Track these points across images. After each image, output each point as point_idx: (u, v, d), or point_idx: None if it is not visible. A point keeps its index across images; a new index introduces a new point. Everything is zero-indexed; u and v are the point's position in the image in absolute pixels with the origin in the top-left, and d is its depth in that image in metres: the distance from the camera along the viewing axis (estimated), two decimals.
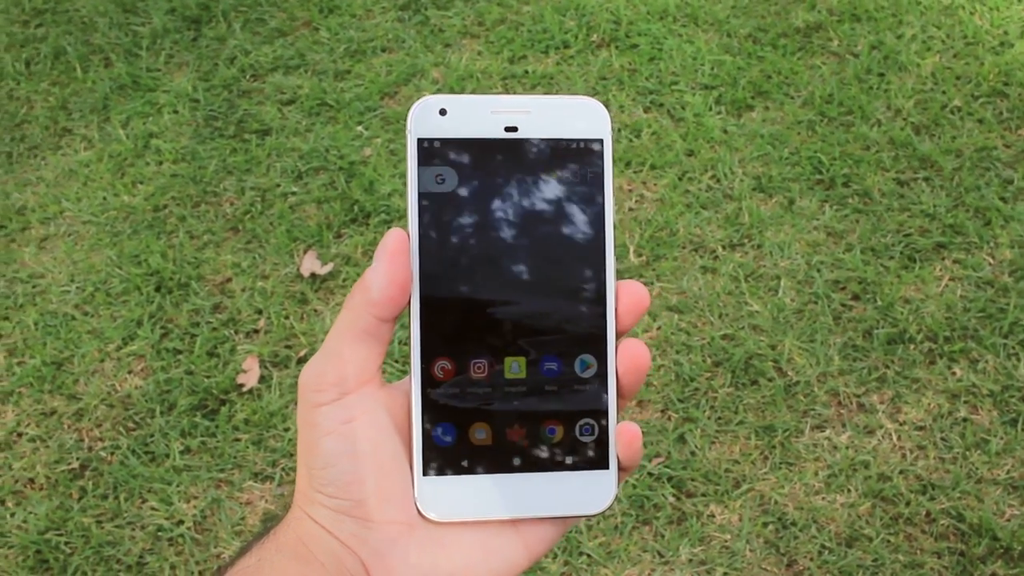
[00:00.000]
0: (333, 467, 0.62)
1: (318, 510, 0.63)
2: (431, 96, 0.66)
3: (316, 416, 0.63)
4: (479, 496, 0.65)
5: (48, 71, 3.54)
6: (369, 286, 0.63)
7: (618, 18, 3.41)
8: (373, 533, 0.63)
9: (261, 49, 3.48)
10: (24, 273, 2.87)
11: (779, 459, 2.31)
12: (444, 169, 0.65)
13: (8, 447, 2.50)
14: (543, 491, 0.66)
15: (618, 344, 0.67)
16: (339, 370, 0.63)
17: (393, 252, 0.63)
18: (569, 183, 0.67)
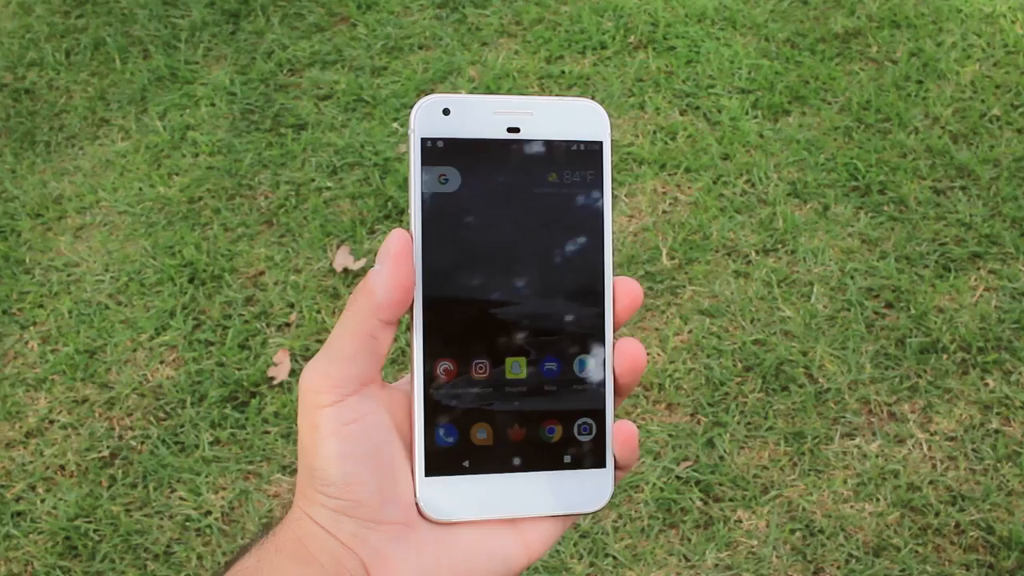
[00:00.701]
0: (334, 468, 0.62)
1: (318, 510, 0.63)
2: (434, 95, 0.66)
3: (318, 417, 0.63)
4: (480, 496, 0.65)
5: (88, 62, 3.57)
6: (374, 289, 0.63)
7: (656, 20, 3.41)
8: (373, 533, 0.63)
9: (299, 44, 3.49)
10: (60, 262, 2.89)
11: (808, 466, 2.30)
12: (447, 169, 0.65)
13: (40, 434, 2.52)
14: (542, 490, 0.66)
15: (615, 343, 0.68)
16: (342, 373, 0.63)
17: (397, 254, 0.63)
18: (570, 184, 0.67)
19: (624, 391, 0.69)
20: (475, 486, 0.65)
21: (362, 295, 0.63)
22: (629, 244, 2.74)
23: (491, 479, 0.66)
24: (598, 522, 2.24)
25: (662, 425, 2.39)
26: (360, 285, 0.64)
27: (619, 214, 2.83)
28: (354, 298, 0.64)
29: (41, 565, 2.28)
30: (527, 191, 0.67)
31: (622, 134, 3.05)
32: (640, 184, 2.90)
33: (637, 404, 2.42)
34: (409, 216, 0.65)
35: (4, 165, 3.23)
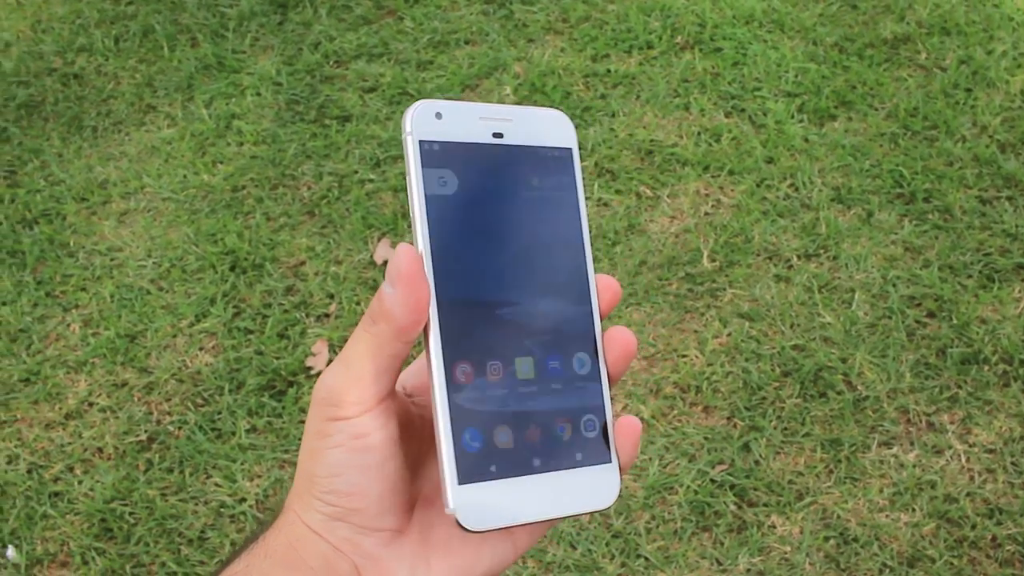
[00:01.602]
0: (338, 477, 0.62)
1: (312, 515, 0.63)
2: (425, 100, 0.66)
3: (329, 428, 0.62)
4: (510, 501, 0.65)
5: (136, 48, 3.60)
6: (392, 313, 0.62)
7: (703, 21, 3.39)
8: (367, 538, 0.63)
9: (346, 36, 3.50)
10: (103, 246, 2.92)
11: (844, 473, 2.29)
12: (444, 171, 0.65)
13: (79, 416, 2.54)
14: (561, 490, 0.66)
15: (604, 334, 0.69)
16: (362, 393, 0.62)
17: (409, 274, 0.62)
18: (551, 188, 0.69)
19: (615, 379, 0.70)
20: (503, 491, 0.64)
21: (381, 319, 0.62)
22: (670, 245, 2.74)
23: (516, 483, 0.65)
24: (631, 523, 2.23)
25: (698, 428, 2.38)
26: (376, 307, 0.62)
27: (660, 214, 2.83)
28: (372, 320, 0.63)
29: (77, 546, 2.30)
30: (516, 194, 0.68)
31: (666, 135, 3.04)
32: (683, 185, 2.89)
33: (673, 406, 2.42)
34: (413, 219, 0.64)
35: (51, 149, 3.26)
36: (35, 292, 2.81)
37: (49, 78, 3.54)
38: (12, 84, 3.53)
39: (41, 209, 3.05)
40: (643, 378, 2.47)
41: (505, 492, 0.64)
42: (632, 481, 2.30)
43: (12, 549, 2.31)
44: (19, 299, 2.80)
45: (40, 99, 3.46)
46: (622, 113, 3.12)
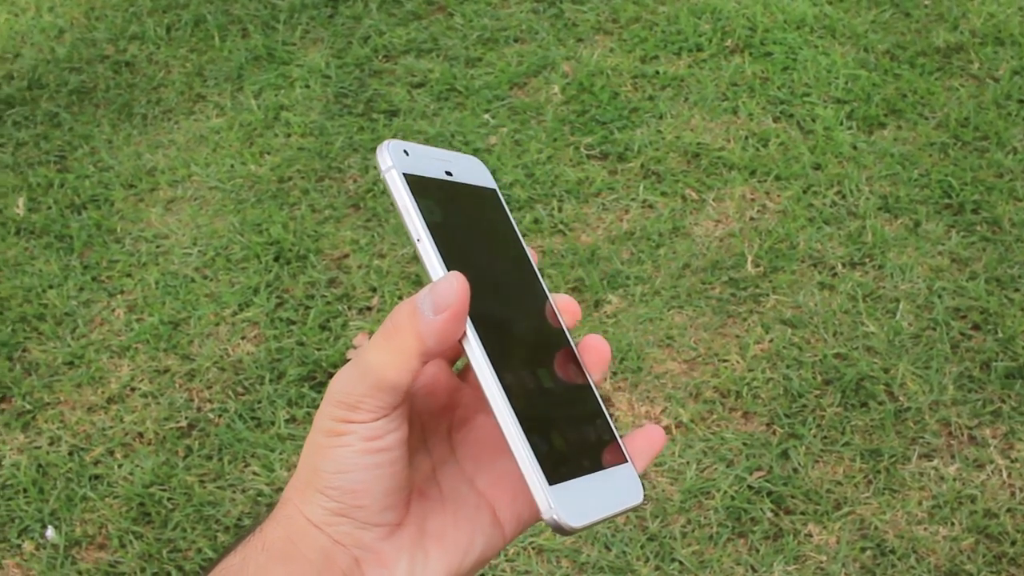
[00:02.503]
0: (346, 474, 0.63)
1: (314, 509, 0.64)
2: (392, 139, 0.67)
3: (342, 428, 0.63)
4: (585, 497, 0.65)
5: (187, 38, 3.62)
6: (427, 338, 0.62)
7: (754, 24, 3.38)
8: (368, 533, 0.64)
9: (395, 31, 3.51)
10: (149, 233, 2.94)
11: (883, 484, 2.27)
12: (428, 202, 0.66)
13: (121, 400, 2.56)
14: (603, 489, 0.67)
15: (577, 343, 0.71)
16: (379, 401, 0.63)
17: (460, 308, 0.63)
18: (499, 220, 0.72)
19: (597, 384, 0.72)
20: (575, 489, 0.65)
21: (412, 338, 0.62)
22: (714, 249, 2.73)
23: (582, 482, 0.66)
24: (666, 526, 2.23)
25: (737, 433, 2.37)
26: (407, 324, 0.62)
27: (705, 218, 2.82)
28: (395, 333, 0.62)
29: (115, 528, 2.32)
30: (480, 224, 0.70)
31: (714, 138, 3.03)
32: (728, 189, 2.88)
33: (713, 410, 2.41)
34: (421, 247, 0.65)
35: (102, 135, 3.29)
36: (81, 276, 2.84)
37: (101, 65, 3.57)
38: (65, 70, 3.56)
39: (90, 195, 3.08)
40: (683, 382, 2.47)
41: (579, 490, 0.65)
42: (669, 484, 2.29)
43: (52, 530, 2.33)
44: (66, 283, 2.83)
45: (92, 86, 3.50)
46: (670, 115, 3.11)
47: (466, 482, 0.70)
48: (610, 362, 0.73)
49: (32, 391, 2.59)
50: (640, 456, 0.70)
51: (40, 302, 2.79)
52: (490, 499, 0.69)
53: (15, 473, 2.44)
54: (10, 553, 2.32)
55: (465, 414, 0.72)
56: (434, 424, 0.71)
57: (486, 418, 0.72)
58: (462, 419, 0.72)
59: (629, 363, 2.50)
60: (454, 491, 0.69)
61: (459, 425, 0.72)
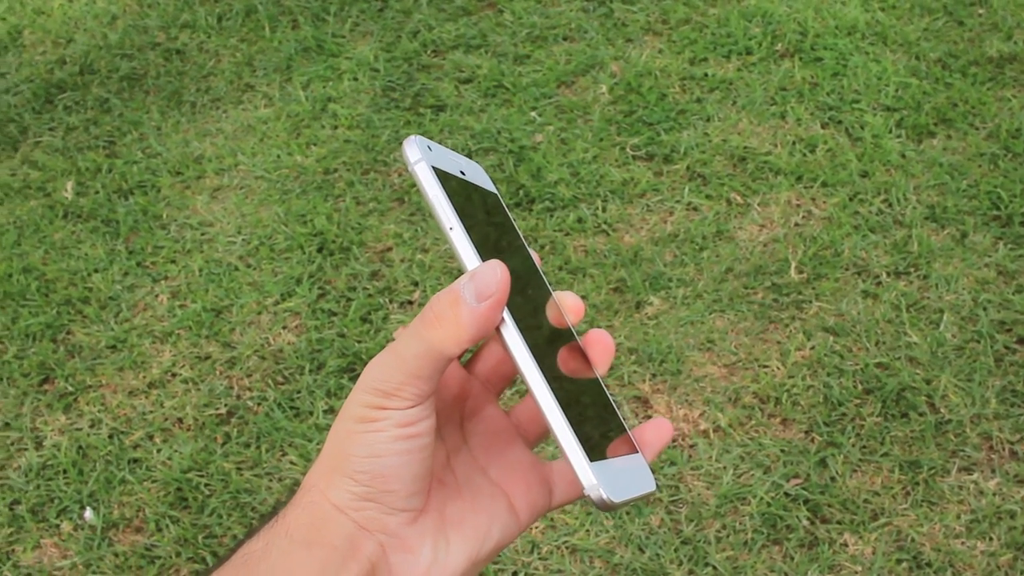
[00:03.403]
0: (378, 459, 0.63)
1: (341, 494, 0.64)
2: (417, 135, 0.68)
3: (376, 415, 0.63)
4: (617, 478, 0.66)
5: (238, 27, 3.64)
6: (468, 328, 0.63)
7: (805, 29, 3.36)
8: (394, 518, 0.65)
9: (444, 26, 3.52)
10: (195, 220, 2.96)
11: (921, 496, 2.25)
12: (454, 196, 0.67)
13: (162, 385, 2.58)
14: (628, 473, 0.68)
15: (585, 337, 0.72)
16: (415, 390, 0.63)
17: (501, 297, 0.63)
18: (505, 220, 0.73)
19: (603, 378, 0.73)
20: (608, 469, 0.66)
21: (452, 327, 0.63)
22: (758, 254, 2.71)
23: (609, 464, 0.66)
24: (701, 530, 2.22)
25: (775, 440, 2.36)
26: (450, 313, 0.63)
27: (750, 222, 2.80)
28: (437, 322, 0.63)
29: (152, 512, 2.34)
30: (492, 221, 0.70)
31: (761, 142, 3.01)
32: (774, 194, 2.86)
33: (752, 416, 2.40)
34: (454, 236, 0.66)
35: (150, 122, 3.31)
36: (126, 261, 2.87)
37: (152, 52, 3.60)
38: (116, 56, 3.59)
39: (137, 180, 3.10)
40: (722, 386, 2.46)
41: (611, 471, 0.66)
42: (705, 489, 2.28)
43: (90, 511, 2.36)
44: (111, 267, 2.85)
45: (142, 72, 3.52)
46: (717, 118, 3.10)
47: (479, 471, 0.71)
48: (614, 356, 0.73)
49: (75, 373, 2.62)
50: (649, 447, 0.71)
51: (85, 285, 2.81)
52: (504, 487, 0.70)
53: (56, 454, 2.46)
54: (48, 532, 2.34)
55: (475, 405, 0.73)
56: (446, 414, 0.71)
57: (495, 408, 0.74)
58: (472, 410, 0.73)
59: (669, 365, 2.49)
60: (469, 479, 0.70)
61: (470, 415, 0.73)
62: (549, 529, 2.25)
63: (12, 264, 2.89)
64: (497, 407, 0.74)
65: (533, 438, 0.74)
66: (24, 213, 3.05)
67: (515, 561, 2.20)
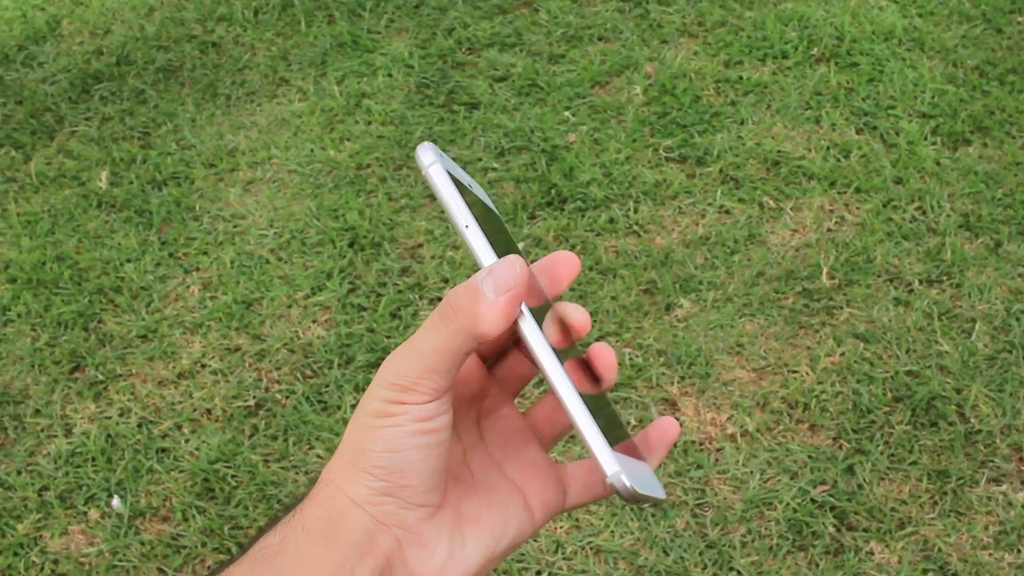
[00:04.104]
0: (395, 453, 0.63)
1: (358, 488, 0.64)
2: (427, 142, 0.68)
3: (394, 409, 0.63)
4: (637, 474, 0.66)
5: (274, 21, 3.66)
6: (485, 321, 0.63)
7: (841, 34, 3.34)
8: (412, 513, 0.64)
9: (480, 24, 3.52)
10: (227, 212, 2.98)
11: (949, 506, 2.24)
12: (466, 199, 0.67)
13: (191, 376, 2.60)
14: (643, 476, 0.67)
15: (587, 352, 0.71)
16: (434, 384, 0.63)
17: (519, 291, 0.63)
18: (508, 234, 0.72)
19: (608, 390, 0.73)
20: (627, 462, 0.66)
21: (470, 320, 0.63)
22: (789, 258, 2.70)
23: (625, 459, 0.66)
24: (726, 534, 2.21)
25: (803, 446, 2.35)
26: (467, 306, 0.63)
27: (782, 227, 2.79)
28: (455, 315, 0.63)
29: (179, 502, 2.35)
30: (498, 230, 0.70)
31: (794, 146, 3.00)
32: (807, 199, 2.85)
33: (779, 421, 2.39)
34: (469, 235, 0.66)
35: (185, 114, 3.33)
36: (159, 252, 2.88)
37: (188, 44, 3.62)
38: (153, 48, 3.61)
39: (171, 172, 3.12)
40: (751, 390, 2.45)
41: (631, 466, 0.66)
42: (731, 493, 2.28)
43: (117, 499, 2.37)
44: (143, 257, 2.87)
45: (178, 64, 3.54)
46: (751, 121, 3.09)
47: (495, 468, 0.71)
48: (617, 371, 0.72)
49: (105, 362, 2.64)
50: (656, 448, 0.71)
51: (117, 275, 2.83)
52: (520, 485, 0.70)
53: (85, 441, 2.48)
54: (76, 519, 2.36)
55: (492, 404, 0.73)
56: (464, 411, 0.71)
57: (512, 407, 0.73)
58: (489, 408, 0.73)
59: (697, 368, 2.48)
60: (485, 476, 0.70)
61: (487, 413, 0.73)
62: (574, 529, 2.24)
63: (46, 252, 2.91)
64: (513, 407, 0.74)
65: (548, 440, 0.74)
66: (59, 202, 3.07)
67: (539, 560, 2.20)
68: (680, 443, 2.36)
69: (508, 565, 2.19)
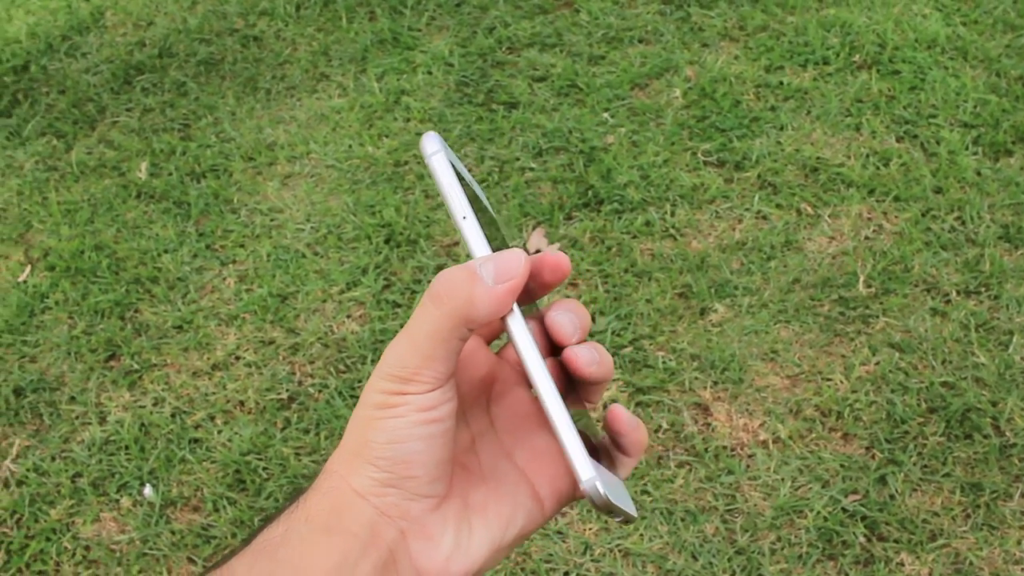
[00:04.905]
0: (400, 444, 0.63)
1: (362, 480, 0.64)
2: (433, 132, 0.67)
3: (396, 400, 0.63)
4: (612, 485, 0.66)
5: (316, 17, 3.67)
6: (475, 303, 0.62)
7: (883, 41, 3.32)
8: (415, 504, 0.64)
9: (520, 23, 3.52)
10: (265, 206, 2.99)
11: (982, 520, 2.22)
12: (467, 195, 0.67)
13: (225, 368, 2.61)
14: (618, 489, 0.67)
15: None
16: (433, 372, 0.63)
17: (516, 283, 0.63)
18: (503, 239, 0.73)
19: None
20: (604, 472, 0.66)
21: (462, 303, 0.62)
22: (826, 266, 2.69)
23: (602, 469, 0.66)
24: (755, 541, 2.21)
25: (835, 454, 2.33)
26: (462, 291, 0.63)
27: (819, 234, 2.78)
28: (447, 297, 0.63)
29: (210, 492, 2.37)
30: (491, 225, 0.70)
31: (834, 153, 2.99)
32: (845, 207, 2.83)
33: (812, 429, 2.38)
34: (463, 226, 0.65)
35: (225, 107, 3.35)
36: (196, 243, 2.90)
37: (230, 38, 3.63)
38: (195, 41, 3.63)
39: (210, 164, 3.14)
40: (784, 397, 2.44)
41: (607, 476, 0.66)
42: (761, 500, 2.27)
43: (149, 488, 2.39)
44: (180, 248, 2.88)
45: (220, 58, 3.56)
46: (791, 127, 3.08)
47: (505, 456, 0.70)
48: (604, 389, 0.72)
49: (141, 351, 2.65)
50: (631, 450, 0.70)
51: (155, 265, 2.85)
52: (529, 474, 0.69)
53: (119, 430, 2.49)
54: (108, 507, 2.37)
55: (503, 388, 0.72)
56: (473, 396, 0.71)
57: (524, 391, 0.72)
58: (500, 393, 0.72)
59: (731, 374, 2.48)
60: (494, 465, 0.70)
61: (497, 398, 0.72)
62: (603, 531, 2.24)
63: (85, 241, 2.93)
64: (526, 391, 0.73)
65: None
66: (98, 191, 3.09)
67: (567, 561, 2.20)
68: (711, 448, 2.35)
69: (536, 565, 2.19)
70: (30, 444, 2.50)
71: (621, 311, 2.61)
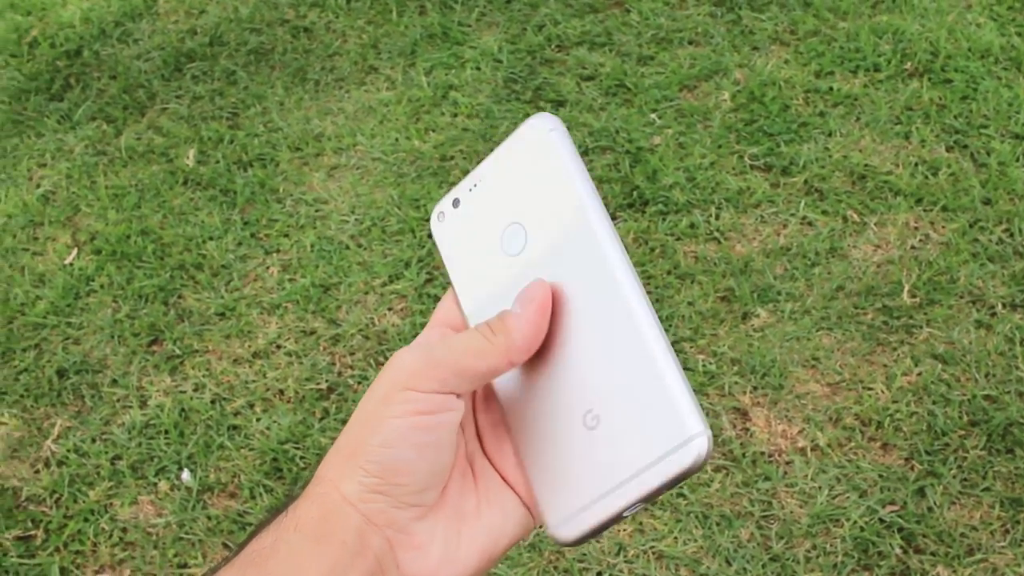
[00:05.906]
0: (391, 449, 0.62)
1: (351, 485, 0.63)
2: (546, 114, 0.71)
3: (397, 396, 0.63)
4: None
5: (366, 9, 3.68)
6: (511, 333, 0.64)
7: (936, 49, 3.29)
8: (403, 513, 0.63)
9: (570, 21, 3.52)
10: (310, 196, 3.00)
11: (1021, 536, 2.20)
12: None
13: (266, 356, 2.62)
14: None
15: None
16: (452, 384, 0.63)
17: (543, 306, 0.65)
18: None
19: None
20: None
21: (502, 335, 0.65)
22: (870, 274, 2.67)
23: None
24: (790, 548, 2.20)
25: (873, 464, 2.32)
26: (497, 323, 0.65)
27: (865, 241, 2.76)
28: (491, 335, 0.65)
29: (247, 480, 2.38)
30: None
31: (882, 161, 2.96)
32: (892, 215, 2.81)
33: (851, 437, 2.36)
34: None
35: (274, 97, 3.36)
36: (241, 232, 2.92)
37: (280, 28, 3.65)
38: (246, 30, 3.65)
39: (257, 153, 3.16)
40: (824, 405, 2.42)
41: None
42: (798, 507, 2.26)
43: (187, 473, 2.40)
44: (225, 236, 2.90)
45: (270, 47, 3.58)
46: (839, 133, 3.05)
47: (492, 464, 0.70)
48: None
49: (183, 337, 2.67)
50: None
51: (199, 252, 2.87)
52: (513, 484, 0.69)
53: (159, 414, 2.51)
54: (146, 490, 2.39)
55: (487, 393, 0.72)
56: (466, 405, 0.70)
57: None
58: (484, 399, 0.72)
59: (771, 379, 2.46)
60: (484, 473, 0.69)
61: (487, 405, 0.72)
62: (637, 533, 2.24)
63: (131, 226, 2.96)
64: None
65: None
66: (146, 177, 3.12)
67: (600, 562, 2.20)
68: (749, 453, 2.34)
69: (569, 564, 2.19)
70: (71, 425, 2.53)
71: (663, 313, 2.61)
